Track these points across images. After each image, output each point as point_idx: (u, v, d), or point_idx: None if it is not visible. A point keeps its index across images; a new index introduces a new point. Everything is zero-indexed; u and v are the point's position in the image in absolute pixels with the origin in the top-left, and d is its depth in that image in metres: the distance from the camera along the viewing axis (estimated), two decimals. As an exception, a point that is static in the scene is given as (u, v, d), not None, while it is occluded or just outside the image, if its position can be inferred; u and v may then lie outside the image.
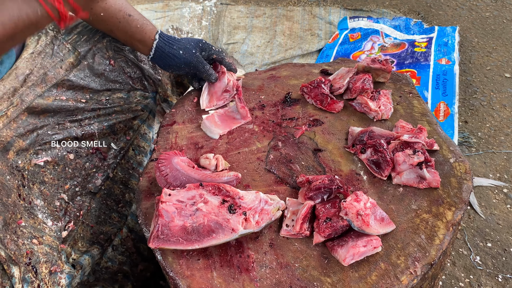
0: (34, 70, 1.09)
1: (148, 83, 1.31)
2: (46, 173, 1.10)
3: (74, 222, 1.14)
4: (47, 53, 1.13)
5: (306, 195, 0.92)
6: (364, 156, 1.01)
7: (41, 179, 1.09)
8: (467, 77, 2.28)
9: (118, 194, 1.26)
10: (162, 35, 1.17)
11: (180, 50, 1.17)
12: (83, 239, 1.16)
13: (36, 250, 0.99)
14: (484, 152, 1.90)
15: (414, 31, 2.50)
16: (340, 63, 1.36)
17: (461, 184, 0.94)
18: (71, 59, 1.17)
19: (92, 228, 1.19)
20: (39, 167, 1.09)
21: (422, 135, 1.01)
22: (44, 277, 0.98)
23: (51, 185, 1.11)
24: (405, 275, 0.80)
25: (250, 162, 1.06)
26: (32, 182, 1.07)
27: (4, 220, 0.91)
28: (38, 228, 1.03)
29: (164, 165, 0.96)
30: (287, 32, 2.67)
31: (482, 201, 1.70)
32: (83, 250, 1.16)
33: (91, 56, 1.20)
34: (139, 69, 1.29)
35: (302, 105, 1.21)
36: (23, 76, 1.07)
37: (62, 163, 1.14)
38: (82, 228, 1.17)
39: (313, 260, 0.85)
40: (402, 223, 0.89)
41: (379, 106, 1.11)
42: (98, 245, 1.20)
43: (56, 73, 1.13)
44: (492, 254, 1.53)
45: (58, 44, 1.15)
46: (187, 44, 1.18)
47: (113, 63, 1.23)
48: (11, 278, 0.87)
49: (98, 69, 1.20)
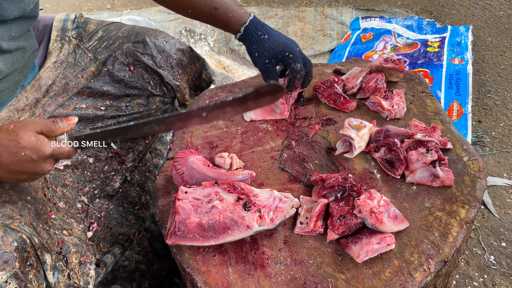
0: (56, 80, 1.12)
1: (167, 88, 1.32)
2: (66, 176, 1.13)
3: (97, 223, 1.16)
4: (69, 63, 1.16)
5: (320, 193, 0.93)
6: (378, 155, 1.02)
7: (63, 182, 1.12)
8: (480, 77, 2.26)
9: (134, 197, 1.28)
10: (249, 28, 1.13)
11: (257, 52, 1.13)
12: (104, 240, 1.18)
13: (67, 240, 1.01)
14: (498, 152, 1.88)
15: (427, 30, 2.49)
16: (353, 63, 1.37)
17: (474, 182, 0.95)
18: (93, 68, 1.19)
19: (111, 230, 1.21)
20: (59, 171, 1.12)
21: (435, 134, 1.01)
22: (74, 266, 1.00)
23: (72, 188, 1.13)
24: (418, 272, 0.81)
25: (264, 161, 1.08)
26: (55, 185, 1.09)
27: (36, 211, 0.94)
28: (67, 222, 1.06)
29: (180, 163, 0.98)
30: (299, 33, 2.68)
31: (496, 200, 1.69)
32: (104, 250, 1.18)
33: (111, 62, 1.22)
34: (158, 75, 1.30)
35: (315, 105, 1.23)
36: (45, 87, 1.10)
37: (81, 167, 1.16)
38: (103, 229, 1.19)
39: (327, 257, 0.86)
40: (415, 221, 0.90)
41: (392, 105, 1.12)
42: (119, 245, 1.22)
43: (77, 82, 1.15)
44: (506, 254, 1.52)
45: (80, 53, 1.18)
46: (266, 50, 1.12)
47: (132, 70, 1.25)
48: (43, 265, 0.89)
49: (117, 76, 1.22)
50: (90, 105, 1.19)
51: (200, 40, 2.68)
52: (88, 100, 1.19)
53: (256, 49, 1.12)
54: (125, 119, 1.25)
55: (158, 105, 1.31)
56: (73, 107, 1.16)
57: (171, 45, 1.30)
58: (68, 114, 1.14)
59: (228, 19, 1.13)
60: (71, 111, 1.16)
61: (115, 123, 1.22)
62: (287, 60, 1.12)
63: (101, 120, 1.22)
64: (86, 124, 1.19)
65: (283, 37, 1.14)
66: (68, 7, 3.22)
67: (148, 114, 1.29)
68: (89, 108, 1.19)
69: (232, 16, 1.12)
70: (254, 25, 1.13)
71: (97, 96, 1.19)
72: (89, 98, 1.19)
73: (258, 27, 1.13)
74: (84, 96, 1.16)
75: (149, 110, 1.29)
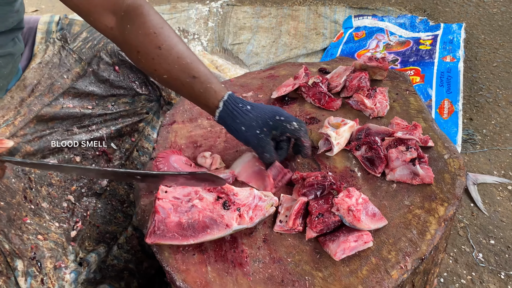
0: (41, 80, 1.13)
1: (152, 87, 1.34)
2: (53, 175, 1.13)
3: (82, 222, 1.17)
4: (55, 63, 1.16)
5: (299, 191, 0.94)
6: (359, 153, 1.02)
7: (49, 181, 1.12)
8: (473, 74, 2.26)
9: (122, 195, 1.29)
10: (228, 102, 0.97)
11: (243, 126, 0.96)
12: (90, 238, 1.19)
13: (41, 245, 1.02)
14: (489, 149, 1.88)
15: (420, 28, 2.49)
16: (338, 62, 1.37)
17: (454, 180, 0.95)
18: (78, 69, 1.19)
19: (98, 228, 1.22)
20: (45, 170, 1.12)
21: (416, 132, 1.01)
22: (48, 271, 1.01)
23: (58, 187, 1.14)
24: (395, 269, 0.82)
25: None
26: (40, 184, 1.10)
27: (8, 216, 0.95)
28: (43, 226, 1.06)
29: (162, 163, 0.99)
30: (292, 32, 2.68)
31: (486, 198, 1.69)
32: (89, 249, 1.19)
33: (96, 62, 1.22)
34: (143, 74, 1.31)
35: (299, 104, 1.23)
36: (31, 87, 1.11)
37: None
38: (89, 228, 1.20)
39: (305, 255, 0.86)
40: (394, 219, 0.90)
41: (375, 103, 1.12)
42: (104, 244, 1.23)
43: (63, 83, 1.16)
44: (495, 251, 1.52)
45: (65, 54, 1.18)
46: (253, 121, 0.96)
47: (117, 69, 1.26)
48: (14, 271, 0.90)
49: (103, 76, 1.23)
50: (76, 104, 1.20)
51: (193, 40, 2.69)
52: (75, 101, 1.20)
53: (242, 123, 0.96)
54: (112, 117, 1.26)
55: (143, 103, 1.32)
56: (60, 106, 1.17)
57: None
58: (56, 113, 1.15)
59: (205, 90, 0.97)
60: (58, 110, 1.16)
61: (102, 121, 1.23)
62: (281, 124, 0.95)
63: (88, 118, 1.22)
64: (73, 123, 1.20)
65: (266, 105, 1.00)
66: (63, 7, 3.23)
67: (134, 112, 1.30)
68: (76, 108, 1.20)
69: (210, 87, 0.97)
70: (233, 98, 0.98)
71: (82, 96, 1.20)
72: (75, 98, 1.19)
73: (237, 100, 0.98)
74: (70, 97, 1.17)
75: (135, 108, 1.30)
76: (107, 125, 1.25)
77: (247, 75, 1.39)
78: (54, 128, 1.15)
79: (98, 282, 1.24)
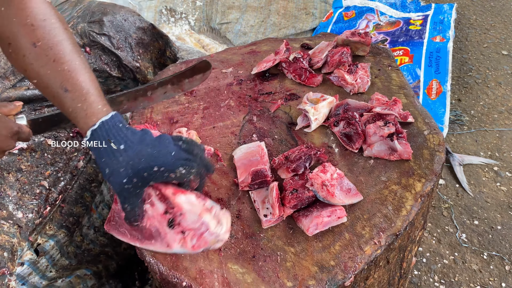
0: (1, 62, 1.07)
1: (125, 70, 1.29)
2: (22, 160, 1.09)
3: (50, 208, 1.13)
4: None
5: (288, 168, 0.90)
6: (337, 129, 1.00)
7: (18, 167, 1.08)
8: (462, 55, 2.24)
9: (91, 174, 1.25)
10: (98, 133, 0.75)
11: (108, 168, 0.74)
12: (52, 221, 1.14)
13: None
14: (476, 130, 1.87)
15: (410, 8, 2.45)
16: (321, 38, 1.34)
17: (433, 156, 0.93)
18: None
19: (62, 209, 1.18)
20: (14, 155, 1.08)
21: (396, 107, 0.99)
22: None
23: (29, 173, 1.09)
24: (369, 245, 0.80)
25: (223, 136, 1.06)
26: (7, 171, 1.05)
27: None
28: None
29: None
30: (281, 11, 2.63)
31: (471, 179, 1.68)
32: (49, 233, 1.15)
33: None
34: (115, 56, 1.26)
35: (280, 80, 1.20)
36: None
37: (39, 149, 1.13)
38: (54, 210, 1.16)
39: (278, 230, 0.85)
40: (370, 195, 0.88)
41: (356, 79, 1.10)
42: (65, 229, 1.19)
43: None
44: (478, 232, 1.52)
45: None
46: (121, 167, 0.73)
47: (89, 51, 1.21)
48: None
49: None
50: None
51: (180, 19, 2.63)
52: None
53: (107, 164, 0.74)
54: None
55: (116, 82, 1.28)
56: (25, 87, 1.12)
57: (130, 24, 1.25)
58: (22, 94, 1.11)
59: (75, 110, 0.76)
60: (23, 91, 1.12)
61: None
62: (161, 175, 0.74)
63: None
64: (42, 102, 1.16)
65: (152, 145, 0.75)
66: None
67: (107, 90, 1.26)
68: None
69: (81, 107, 0.76)
70: (105, 129, 0.75)
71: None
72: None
73: (112, 132, 0.75)
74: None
75: (108, 86, 1.26)
76: None
77: (227, 51, 1.36)
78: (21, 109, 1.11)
79: (75, 268, 1.21)
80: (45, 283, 1.11)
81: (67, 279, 1.16)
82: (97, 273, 1.27)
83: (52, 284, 1.13)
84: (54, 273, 1.15)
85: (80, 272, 1.21)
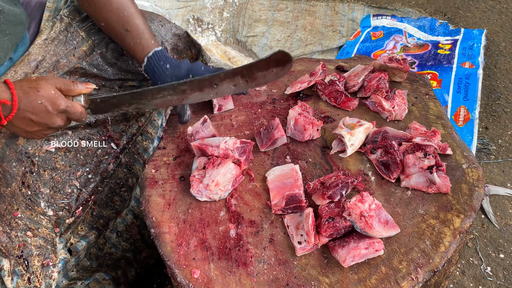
0: (46, 56, 1.09)
1: None
2: (57, 159, 1.10)
3: (83, 208, 1.14)
4: (61, 40, 1.13)
5: (324, 195, 0.88)
6: (374, 157, 0.98)
7: (53, 166, 1.09)
8: (491, 82, 2.21)
9: (122, 178, 1.26)
10: (152, 59, 1.09)
11: (160, 81, 1.09)
12: (84, 222, 1.16)
13: (30, 242, 0.99)
14: (503, 161, 1.83)
15: (439, 32, 2.43)
16: (356, 60, 1.33)
17: (472, 191, 0.91)
18: (85, 48, 1.16)
19: (94, 211, 1.19)
20: (50, 154, 1.09)
21: (435, 138, 0.97)
22: (35, 270, 0.98)
23: (63, 172, 1.11)
24: (406, 280, 0.78)
25: (256, 155, 1.05)
26: (43, 168, 1.07)
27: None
28: (34, 220, 1.03)
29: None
30: (308, 27, 2.63)
31: (497, 210, 1.65)
32: (81, 234, 1.16)
33: (105, 45, 1.19)
34: None
35: (314, 101, 1.19)
36: (35, 63, 1.07)
37: (73, 150, 1.14)
38: (86, 211, 1.17)
39: (312, 259, 0.83)
40: (407, 227, 0.86)
41: (393, 106, 1.08)
42: (95, 231, 1.20)
43: (68, 60, 1.12)
44: (504, 266, 1.48)
45: (72, 32, 1.15)
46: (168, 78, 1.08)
47: (126, 54, 1.22)
48: (0, 271, 0.87)
49: (111, 59, 1.20)
50: None
51: (207, 29, 2.65)
52: (81, 80, 1.16)
53: (159, 78, 1.08)
54: None
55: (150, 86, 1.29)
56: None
57: (167, 30, 1.27)
58: None
59: (135, 45, 1.09)
60: None
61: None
62: None
63: None
64: None
65: (188, 64, 1.09)
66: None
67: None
68: None
69: (139, 42, 1.08)
70: (157, 56, 1.08)
71: (89, 76, 1.17)
72: (81, 78, 1.16)
73: (161, 57, 1.08)
74: (77, 76, 1.14)
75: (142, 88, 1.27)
76: None
77: (261, 68, 1.35)
78: None
79: (94, 270, 1.22)
80: (66, 283, 1.12)
81: (86, 282, 1.16)
82: (116, 279, 1.27)
83: (72, 285, 1.13)
84: (75, 273, 1.15)
85: (99, 276, 1.21)
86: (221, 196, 0.94)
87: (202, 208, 0.94)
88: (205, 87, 0.97)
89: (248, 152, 0.99)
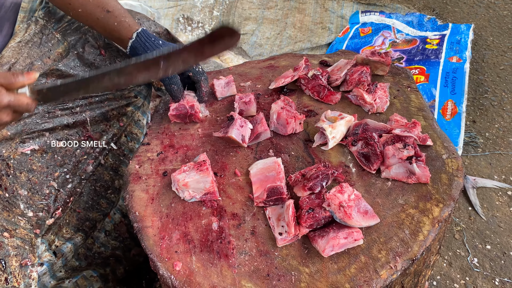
0: (20, 59, 1.08)
1: None
2: (34, 161, 1.09)
3: (62, 209, 1.13)
4: (35, 43, 1.11)
5: (305, 186, 0.89)
6: (355, 149, 1.00)
7: (29, 167, 1.08)
8: (478, 76, 2.23)
9: (107, 180, 1.26)
10: (142, 34, 1.08)
11: None
12: (68, 225, 1.15)
13: (6, 243, 0.99)
14: (490, 153, 1.85)
15: (427, 27, 2.45)
16: (340, 55, 1.34)
17: (451, 181, 0.92)
18: (60, 50, 1.15)
19: (79, 214, 1.18)
20: (26, 156, 1.08)
21: (415, 130, 0.98)
22: (13, 270, 0.98)
23: (40, 173, 1.10)
24: (384, 269, 0.79)
25: (239, 150, 1.06)
26: (19, 170, 1.06)
27: None
28: (12, 221, 1.03)
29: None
30: (297, 25, 2.64)
31: (484, 202, 1.66)
32: (67, 237, 1.16)
33: (81, 45, 1.18)
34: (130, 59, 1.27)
35: (298, 96, 1.20)
36: (7, 65, 1.06)
37: (50, 151, 1.13)
38: (69, 214, 1.16)
39: (293, 249, 0.84)
40: (387, 217, 0.87)
41: (375, 99, 1.09)
42: (82, 233, 1.20)
43: (43, 63, 1.11)
44: (490, 257, 1.50)
45: (47, 34, 1.13)
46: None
47: (104, 53, 1.21)
48: None
49: (88, 59, 1.19)
50: None
51: (197, 28, 2.66)
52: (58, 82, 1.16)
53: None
54: (97, 100, 1.22)
55: (131, 87, 1.28)
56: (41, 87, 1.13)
57: (146, 28, 1.27)
58: None
59: (120, 23, 1.08)
60: None
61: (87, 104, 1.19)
62: None
63: (72, 100, 1.18)
64: (55, 105, 1.16)
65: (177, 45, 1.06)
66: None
67: (121, 96, 1.26)
68: None
69: (124, 20, 1.08)
70: (146, 32, 1.08)
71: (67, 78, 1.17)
72: (58, 80, 1.16)
73: (150, 34, 1.08)
74: (53, 78, 1.13)
75: (121, 91, 1.26)
76: (92, 107, 1.20)
77: (246, 64, 1.36)
78: (34, 110, 1.12)
79: (83, 269, 1.22)
80: (54, 283, 1.12)
81: (73, 280, 1.16)
82: (104, 276, 1.27)
83: (60, 285, 1.13)
84: (63, 274, 1.15)
85: (86, 273, 1.21)
86: (186, 197, 0.94)
87: (185, 203, 0.94)
88: (151, 66, 0.90)
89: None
